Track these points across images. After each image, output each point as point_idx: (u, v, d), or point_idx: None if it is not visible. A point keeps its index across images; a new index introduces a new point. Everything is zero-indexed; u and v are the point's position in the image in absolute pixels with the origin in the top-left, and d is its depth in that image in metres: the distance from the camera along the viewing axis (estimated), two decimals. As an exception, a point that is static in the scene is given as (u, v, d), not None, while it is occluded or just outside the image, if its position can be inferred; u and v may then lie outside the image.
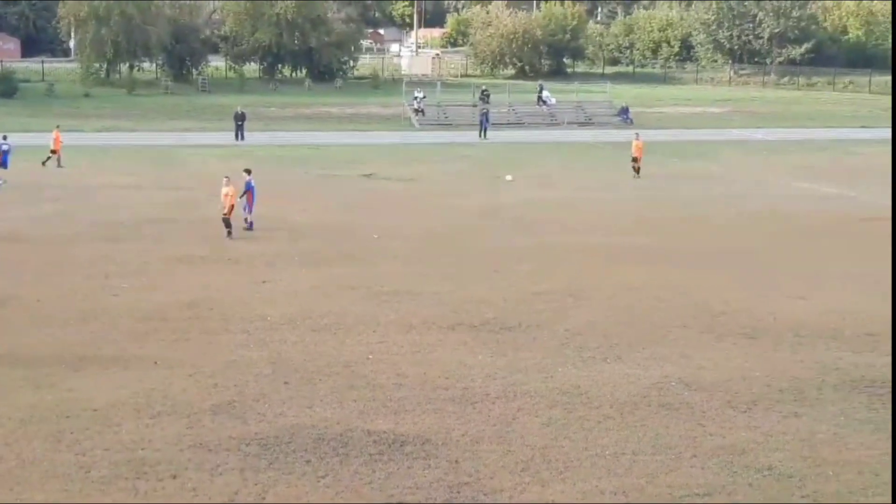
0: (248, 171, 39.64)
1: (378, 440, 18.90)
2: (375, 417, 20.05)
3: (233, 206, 37.63)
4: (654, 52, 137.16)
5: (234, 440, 18.78)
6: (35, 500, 16.39)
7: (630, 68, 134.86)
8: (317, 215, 42.76)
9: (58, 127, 59.96)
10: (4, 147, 52.81)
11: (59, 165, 56.19)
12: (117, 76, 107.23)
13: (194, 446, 18.49)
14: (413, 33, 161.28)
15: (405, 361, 23.54)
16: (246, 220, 38.69)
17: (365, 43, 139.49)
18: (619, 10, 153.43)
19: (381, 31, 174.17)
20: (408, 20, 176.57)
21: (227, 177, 39.02)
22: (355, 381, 22.16)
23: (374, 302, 28.79)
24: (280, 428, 19.36)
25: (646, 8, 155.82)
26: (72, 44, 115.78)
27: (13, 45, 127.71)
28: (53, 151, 56.77)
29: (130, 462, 17.74)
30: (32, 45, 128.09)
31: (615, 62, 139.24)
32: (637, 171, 55.79)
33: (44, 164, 56.19)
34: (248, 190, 38.88)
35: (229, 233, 37.47)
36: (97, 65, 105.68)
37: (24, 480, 17.06)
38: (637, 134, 59.43)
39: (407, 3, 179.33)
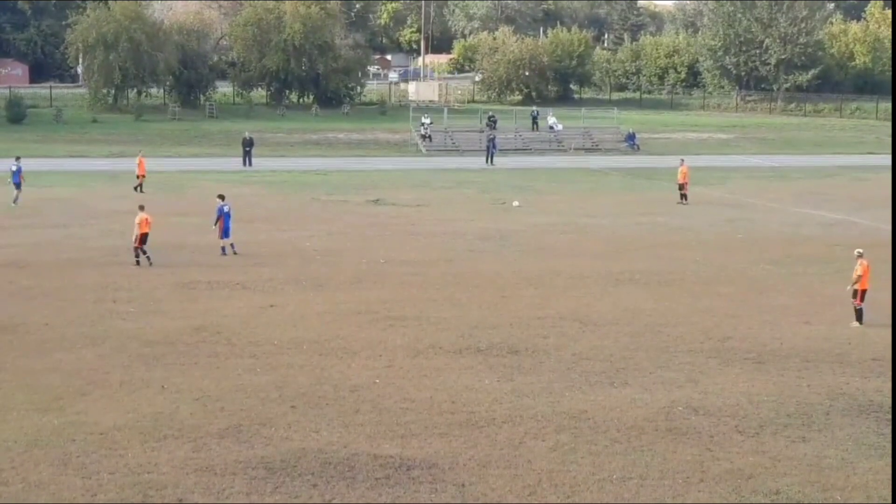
0: (222, 197, 39.68)
1: (384, 464, 18.88)
2: (382, 441, 20.03)
3: (142, 235, 37.18)
4: (661, 78, 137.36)
5: (240, 464, 18.76)
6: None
7: (637, 94, 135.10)
8: (324, 240, 42.83)
9: (141, 152, 60.13)
10: (14, 168, 52.89)
11: (140, 191, 56.15)
12: (125, 102, 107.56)
13: (200, 470, 18.47)
14: (420, 59, 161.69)
15: (412, 386, 23.53)
16: (222, 247, 38.90)
17: (372, 69, 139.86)
18: (626, 36, 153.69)
19: (389, 57, 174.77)
20: (415, 46, 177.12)
21: (140, 205, 38.60)
22: (362, 405, 22.15)
23: (381, 326, 28.80)
24: (286, 452, 19.35)
25: (652, 34, 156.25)
26: (80, 69, 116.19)
27: (21, 70, 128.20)
28: (140, 177, 56.84)
29: (137, 486, 17.73)
30: (40, 71, 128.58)
31: (622, 88, 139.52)
32: (684, 197, 55.39)
33: (135, 189, 56.34)
34: (220, 216, 38.96)
35: (137, 262, 37.14)
36: (105, 90, 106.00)
37: (31, 504, 17.07)
38: (682, 160, 59.12)
39: (414, 29, 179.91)
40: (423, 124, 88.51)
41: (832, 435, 20.81)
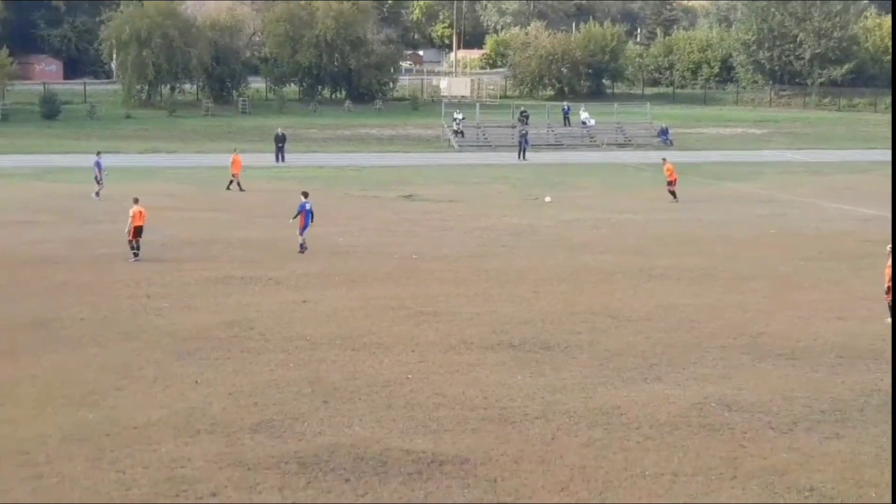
0: (306, 194, 39.59)
1: (417, 459, 18.91)
2: (414, 437, 20.06)
3: (135, 227, 37.14)
4: (694, 72, 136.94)
5: (273, 459, 18.83)
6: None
7: (670, 89, 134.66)
8: (357, 236, 42.90)
9: (235, 150, 60.31)
10: (97, 160, 53.20)
11: (240, 189, 56.23)
12: (158, 98, 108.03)
13: (234, 465, 18.55)
14: (452, 54, 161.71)
15: (444, 381, 23.55)
16: (301, 243, 38.74)
17: (404, 64, 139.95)
18: (659, 31, 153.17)
19: (421, 53, 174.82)
20: (447, 41, 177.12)
21: (135, 198, 38.67)
22: (394, 400, 22.19)
23: (414, 322, 28.83)
24: (319, 447, 19.40)
25: (685, 29, 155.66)
26: (113, 66, 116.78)
27: (56, 66, 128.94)
28: (234, 175, 56.77)
29: (170, 480, 17.83)
30: (75, 67, 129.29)
31: (655, 83, 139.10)
32: (674, 194, 54.98)
33: (229, 188, 56.46)
34: (301, 212, 38.88)
35: (135, 254, 37.17)
36: (138, 87, 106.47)
37: (65, 498, 17.18)
38: (664, 159, 58.80)
39: (446, 24, 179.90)
40: (455, 120, 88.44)
41: (866, 431, 20.69)
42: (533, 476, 18.32)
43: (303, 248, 38.73)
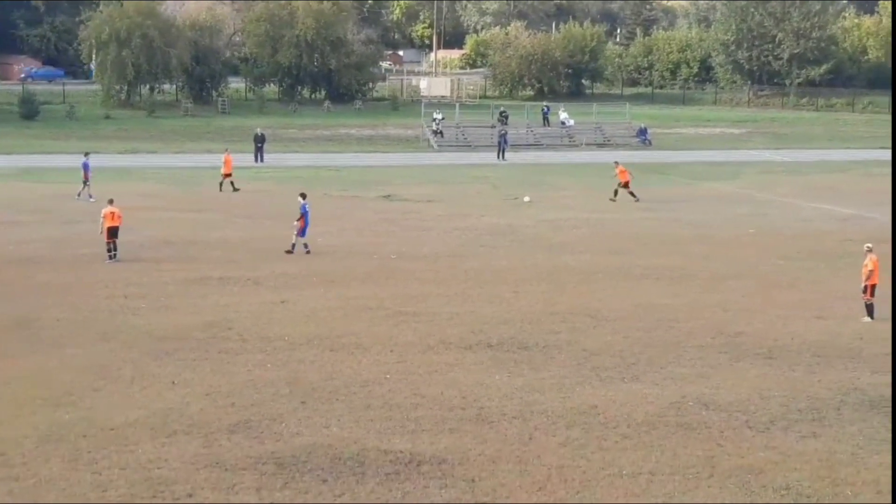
0: (304, 196, 39.45)
1: (395, 460, 18.91)
2: (392, 437, 20.06)
3: (109, 228, 36.96)
4: (674, 73, 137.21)
5: (250, 459, 18.81)
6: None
7: (649, 89, 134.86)
8: (336, 236, 42.84)
9: (227, 150, 60.01)
10: (85, 162, 52.93)
11: (225, 189, 55.88)
12: (138, 98, 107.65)
13: (211, 466, 18.53)
14: (433, 54, 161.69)
15: (422, 381, 23.56)
16: (293, 244, 38.60)
17: (384, 65, 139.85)
18: (639, 31, 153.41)
19: (401, 53, 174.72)
20: (427, 42, 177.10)
21: (110, 199, 38.61)
22: (372, 400, 22.19)
23: (392, 322, 28.83)
24: (296, 447, 19.39)
25: (665, 29, 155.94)
26: (93, 66, 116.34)
27: (35, 66, 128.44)
28: (226, 175, 56.20)
29: (147, 481, 17.79)
30: (54, 67, 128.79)
31: (634, 83, 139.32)
32: (633, 194, 54.66)
33: (223, 188, 55.83)
34: (303, 214, 38.68)
35: (110, 256, 36.98)
36: (118, 87, 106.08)
37: (41, 499, 17.14)
38: (616, 162, 58.48)
39: (426, 24, 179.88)
40: (434, 120, 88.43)
41: (843, 430, 20.79)
42: (510, 476, 18.35)
43: (294, 248, 38.49)
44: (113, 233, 37.00)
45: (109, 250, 36.99)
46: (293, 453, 19.08)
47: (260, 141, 72.35)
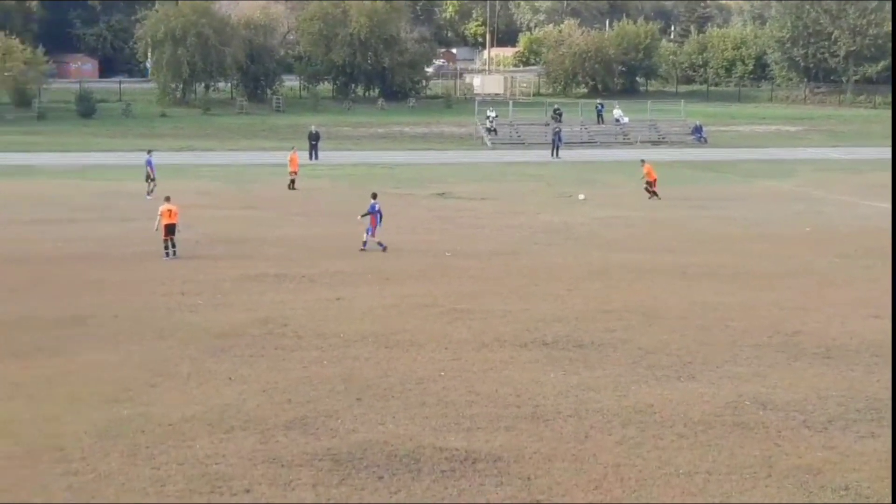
0: (375, 195, 39.43)
1: (450, 457, 18.90)
2: (447, 434, 20.05)
3: (167, 225, 37.26)
4: (728, 70, 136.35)
5: (306, 456, 18.87)
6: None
7: (704, 87, 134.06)
8: (390, 234, 42.80)
9: (294, 148, 60.36)
10: (148, 159, 53.47)
11: (292, 188, 56.04)
12: (193, 96, 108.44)
13: (267, 461, 18.61)
14: (486, 52, 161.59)
15: (477, 379, 23.53)
16: (364, 242, 38.65)
17: (437, 62, 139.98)
18: (693, 28, 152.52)
19: (454, 51, 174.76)
20: (480, 39, 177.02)
21: (166, 196, 38.87)
22: (427, 398, 22.20)
23: (447, 319, 28.82)
24: (352, 444, 19.43)
25: (719, 26, 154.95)
26: (148, 64, 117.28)
27: (91, 65, 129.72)
28: (293, 173, 56.53)
29: (205, 477, 17.89)
30: (110, 66, 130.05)
31: (689, 80, 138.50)
32: (654, 194, 54.22)
33: (290, 187, 56.12)
34: (372, 213, 38.77)
35: (167, 253, 37.20)
36: (173, 85, 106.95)
37: (100, 494, 17.26)
38: (643, 160, 58.17)
39: (479, 22, 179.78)
40: (488, 118, 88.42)
41: (902, 430, 20.55)
42: (566, 474, 18.29)
43: (382, 246, 38.49)
44: (170, 230, 37.23)
45: (166, 247, 37.22)
46: (349, 450, 19.12)
47: (314, 139, 72.67)
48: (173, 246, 37.21)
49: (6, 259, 36.88)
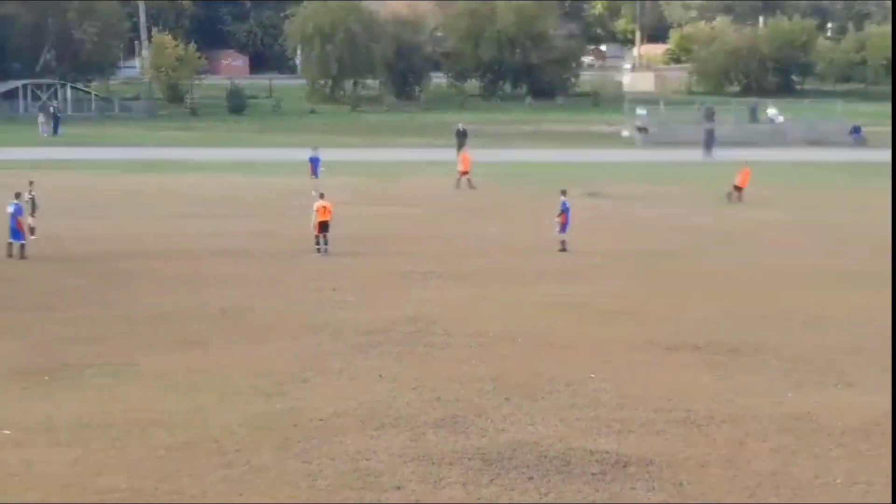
0: (564, 192, 39.32)
1: (601, 460, 18.67)
2: (598, 437, 19.81)
3: (320, 222, 37.43)
4: (889, 69, 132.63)
5: (456, 454, 18.81)
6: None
7: (863, 86, 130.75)
8: (539, 233, 42.63)
9: (467, 148, 60.96)
10: (314, 157, 54.32)
11: (460, 188, 56.33)
12: (341, 93, 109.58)
13: (417, 459, 18.60)
14: (635, 50, 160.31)
15: (628, 381, 23.21)
16: (562, 241, 38.46)
17: (586, 60, 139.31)
18: (850, 25, 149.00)
19: (603, 48, 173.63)
20: (630, 37, 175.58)
21: (321, 192, 39.00)
22: (577, 399, 21.98)
23: (598, 320, 28.55)
24: (502, 444, 19.31)
25: (878, 24, 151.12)
26: (298, 61, 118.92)
27: (242, 62, 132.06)
28: (464, 172, 56.69)
29: (356, 472, 17.94)
30: (260, 62, 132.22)
31: (846, 79, 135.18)
32: (734, 198, 53.03)
33: (458, 186, 56.28)
34: (564, 211, 38.64)
35: (318, 250, 37.38)
36: (322, 82, 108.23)
37: (253, 487, 17.43)
38: (746, 161, 56.50)
39: (629, 19, 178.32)
40: (638, 116, 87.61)
41: None
42: (720, 480, 17.92)
43: (563, 246, 38.31)
44: (324, 227, 37.58)
45: (318, 244, 37.55)
46: (499, 450, 19.01)
47: (462, 136, 72.75)
48: (325, 243, 37.54)
49: (160, 253, 37.62)
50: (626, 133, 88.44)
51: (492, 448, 19.12)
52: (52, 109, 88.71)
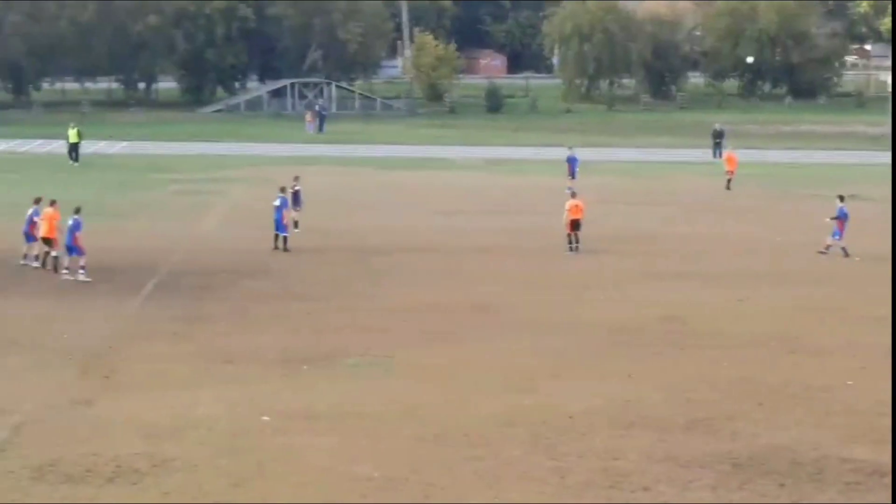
0: (842, 198, 38.35)
1: (856, 469, 18.18)
2: (854, 445, 19.29)
3: (572, 220, 37.25)
4: None
5: (706, 457, 18.62)
6: (511, 500, 16.94)
7: None
8: (796, 235, 41.56)
9: (732, 148, 61.00)
10: (571, 156, 54.82)
11: (726, 188, 55.41)
12: (597, 92, 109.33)
13: (666, 460, 18.49)
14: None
15: (885, 389, 22.36)
16: (828, 245, 37.52)
17: (850, 59, 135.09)
18: None
19: (868, 47, 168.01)
20: None
21: (573, 192, 38.89)
22: (833, 406, 21.45)
23: (855, 325, 27.79)
24: (754, 448, 19.02)
25: None
26: (555, 60, 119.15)
27: (500, 61, 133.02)
28: (730, 172, 56.28)
29: (604, 471, 17.97)
30: (517, 62, 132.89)
31: None
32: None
33: (728, 187, 55.68)
34: (840, 217, 37.71)
35: (570, 248, 37.34)
36: (578, 81, 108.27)
37: (501, 480, 17.67)
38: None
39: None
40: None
41: None
42: (984, 496, 17.21)
43: (845, 252, 37.39)
44: (576, 225, 37.67)
45: (570, 242, 37.67)
46: (750, 454, 18.73)
47: (718, 136, 71.55)
48: (577, 241, 37.62)
49: (417, 248, 38.29)
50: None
51: (743, 452, 18.86)
52: (317, 107, 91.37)
